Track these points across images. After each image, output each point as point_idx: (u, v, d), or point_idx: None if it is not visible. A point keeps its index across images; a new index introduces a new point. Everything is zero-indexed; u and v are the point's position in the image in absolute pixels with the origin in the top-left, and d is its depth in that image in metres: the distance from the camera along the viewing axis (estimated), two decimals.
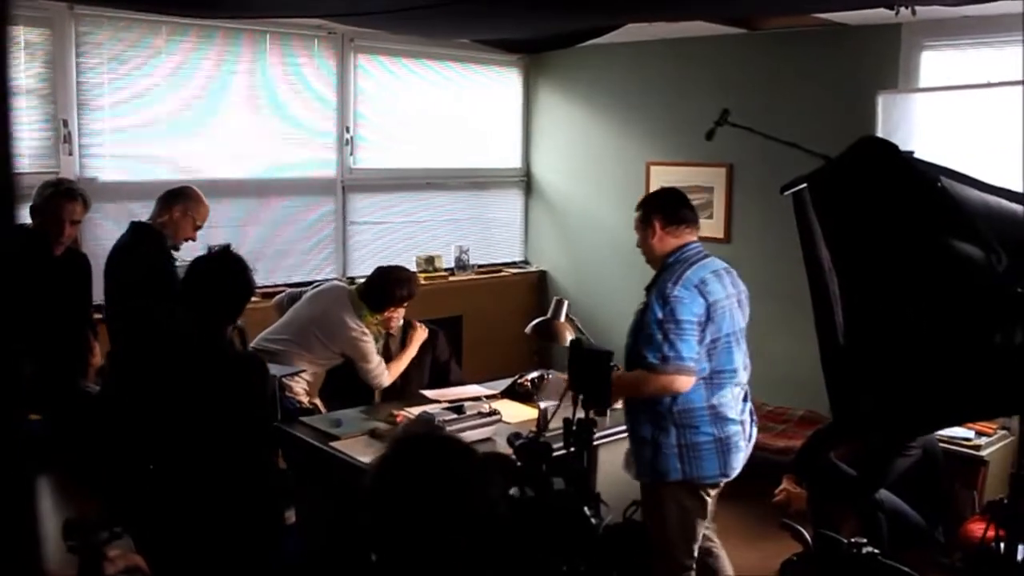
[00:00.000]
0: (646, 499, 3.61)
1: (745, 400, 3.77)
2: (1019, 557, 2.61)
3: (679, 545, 3.64)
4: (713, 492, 3.71)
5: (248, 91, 6.09)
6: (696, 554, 3.73)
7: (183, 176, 5.81)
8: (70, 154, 5.37)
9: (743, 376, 3.73)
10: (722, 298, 3.62)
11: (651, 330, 3.46)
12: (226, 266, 3.25)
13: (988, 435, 5.07)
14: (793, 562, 4.55)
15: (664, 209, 3.72)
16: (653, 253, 3.70)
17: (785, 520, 4.39)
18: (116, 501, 2.83)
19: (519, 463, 2.21)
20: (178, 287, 4.36)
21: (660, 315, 3.45)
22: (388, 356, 4.91)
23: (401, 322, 4.94)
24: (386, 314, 4.78)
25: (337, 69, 6.52)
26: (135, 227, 4.65)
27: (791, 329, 5.99)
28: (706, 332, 3.53)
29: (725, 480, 3.71)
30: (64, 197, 4.32)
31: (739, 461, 3.70)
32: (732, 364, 3.65)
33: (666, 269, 3.61)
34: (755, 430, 3.85)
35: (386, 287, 4.75)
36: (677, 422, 3.53)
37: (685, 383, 3.46)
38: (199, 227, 4.71)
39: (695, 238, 3.74)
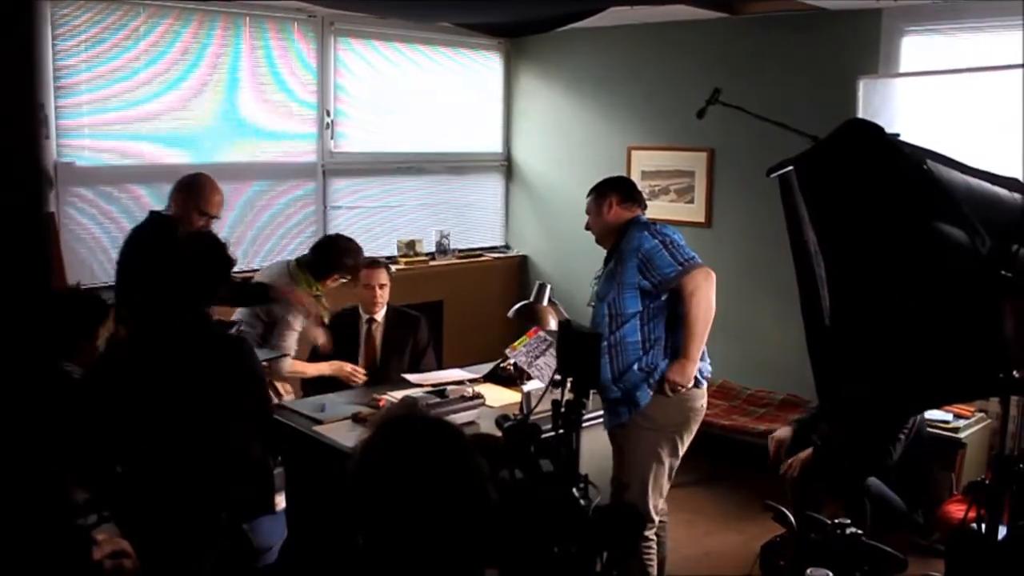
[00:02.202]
0: (627, 440, 3.84)
1: None
2: (999, 537, 2.63)
3: (648, 501, 3.81)
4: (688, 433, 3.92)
5: (228, 75, 6.03)
6: (661, 507, 3.93)
7: (162, 161, 5.78)
8: (47, 138, 5.31)
9: None
10: None
11: (656, 254, 3.73)
12: (202, 247, 3.23)
13: (966, 418, 5.12)
14: (775, 544, 4.60)
15: (619, 188, 4.04)
16: (607, 225, 3.97)
17: (768, 502, 4.43)
18: (100, 486, 2.81)
19: (507, 445, 2.21)
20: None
21: (656, 240, 3.75)
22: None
23: (385, 308, 4.93)
24: (329, 283, 4.75)
25: (317, 52, 6.48)
26: (150, 217, 4.36)
27: (771, 313, 6.03)
28: None
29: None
30: None
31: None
32: None
33: (630, 227, 3.87)
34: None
35: (332, 254, 4.72)
36: (653, 348, 3.80)
37: (711, 277, 3.75)
38: (211, 216, 4.37)
39: (641, 212, 4.03)
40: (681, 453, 3.93)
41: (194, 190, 4.35)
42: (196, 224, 4.29)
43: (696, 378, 3.82)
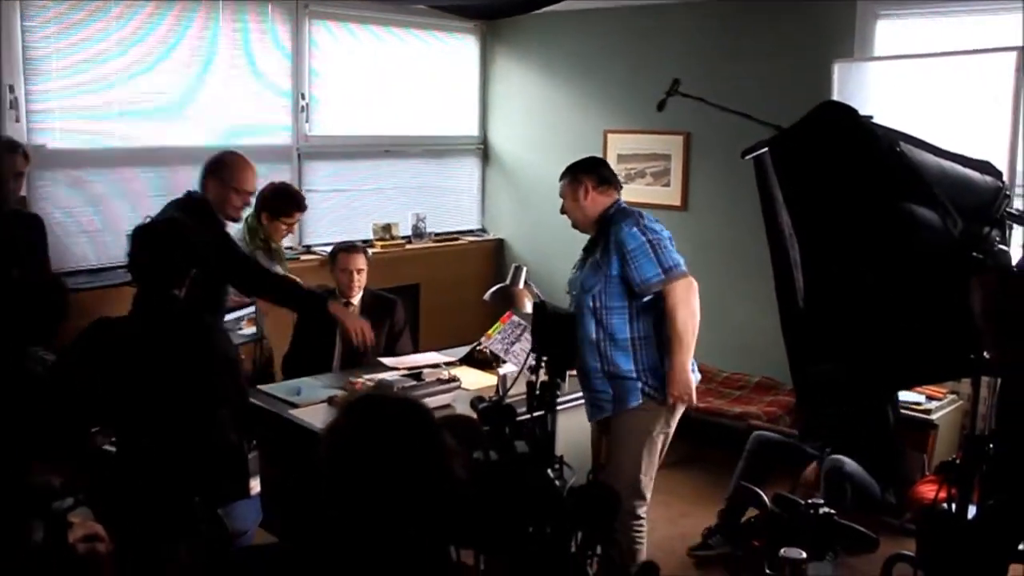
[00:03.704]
0: (620, 432, 3.79)
1: None
2: (969, 517, 2.66)
3: (641, 483, 3.78)
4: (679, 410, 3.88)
5: (201, 57, 5.97)
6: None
7: (135, 144, 5.72)
8: (17, 121, 5.24)
9: None
10: None
11: (640, 254, 3.66)
12: (166, 234, 3.22)
13: (938, 399, 5.17)
14: (711, 529, 4.66)
15: (593, 171, 3.94)
16: (584, 213, 3.89)
17: (743, 483, 4.47)
18: (74, 470, 2.80)
19: (483, 426, 2.22)
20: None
21: (643, 237, 3.68)
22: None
23: (360, 289, 4.91)
24: (283, 222, 4.98)
25: (292, 35, 6.43)
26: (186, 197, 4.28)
27: (746, 296, 6.06)
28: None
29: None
30: (3, 150, 4.15)
31: None
32: None
33: (616, 216, 3.81)
34: None
35: (290, 194, 5.08)
36: (644, 347, 3.75)
37: (693, 287, 3.72)
38: (246, 193, 4.27)
39: (618, 196, 3.96)
40: (671, 431, 3.89)
41: (226, 170, 4.23)
42: (235, 204, 4.23)
43: None
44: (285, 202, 5.03)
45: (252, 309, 4.66)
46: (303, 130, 6.58)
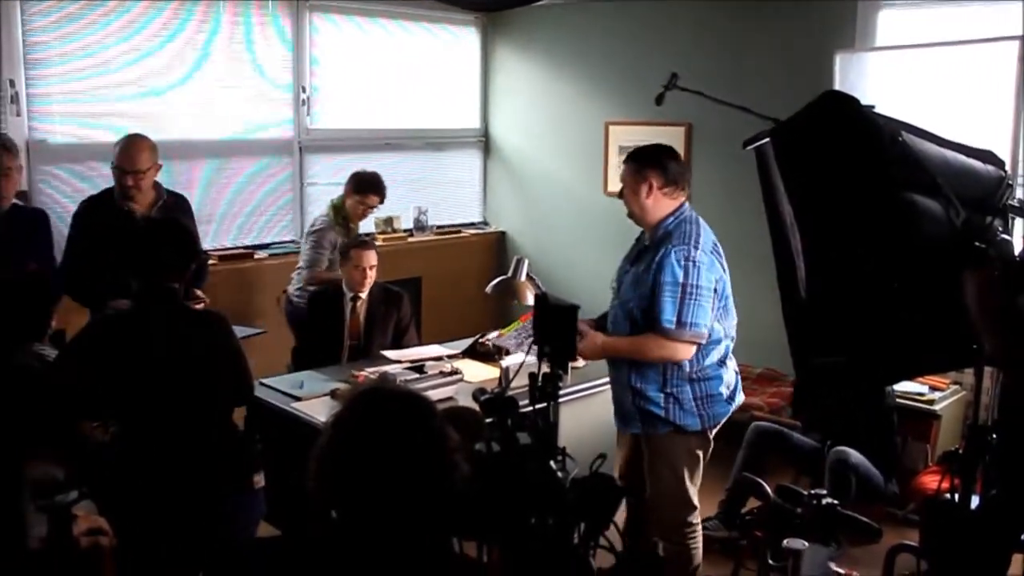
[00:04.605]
0: (656, 452, 3.61)
1: None
2: (972, 507, 2.67)
3: (688, 494, 3.66)
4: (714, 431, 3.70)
5: (202, 51, 5.97)
6: None
7: None
8: (18, 115, 5.24)
9: None
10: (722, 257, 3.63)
11: (668, 292, 3.38)
12: (168, 232, 3.23)
13: (941, 390, 5.16)
14: (709, 517, 4.66)
15: (660, 166, 3.55)
16: (643, 212, 3.55)
17: (745, 474, 4.47)
18: (78, 463, 2.80)
19: (485, 418, 2.22)
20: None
21: (681, 278, 3.38)
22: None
23: (370, 284, 4.92)
24: (357, 211, 5.55)
25: (292, 28, 6.42)
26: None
27: (748, 287, 6.04)
28: (718, 292, 3.53)
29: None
30: None
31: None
32: (731, 317, 3.72)
33: (675, 230, 3.49)
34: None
35: (358, 177, 5.61)
36: (695, 378, 3.54)
37: (690, 352, 3.45)
38: (132, 172, 4.29)
39: (686, 199, 3.62)
40: (711, 442, 3.70)
41: (114, 152, 4.37)
42: (122, 183, 4.34)
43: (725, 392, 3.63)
44: (366, 184, 5.56)
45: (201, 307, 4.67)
46: (304, 123, 6.58)
